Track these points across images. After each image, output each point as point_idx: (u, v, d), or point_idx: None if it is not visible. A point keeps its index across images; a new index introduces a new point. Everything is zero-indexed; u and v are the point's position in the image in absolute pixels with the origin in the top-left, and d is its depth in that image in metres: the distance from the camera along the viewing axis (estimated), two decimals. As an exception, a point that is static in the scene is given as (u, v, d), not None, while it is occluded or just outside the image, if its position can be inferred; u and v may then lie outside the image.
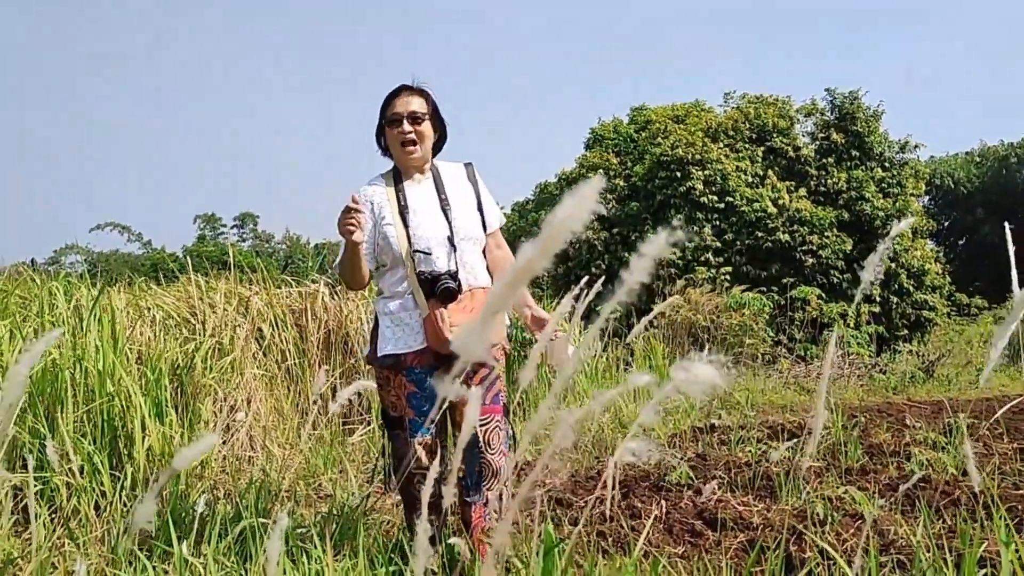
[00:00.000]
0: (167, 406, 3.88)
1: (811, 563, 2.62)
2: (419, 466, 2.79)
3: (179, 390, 4.35)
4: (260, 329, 5.67)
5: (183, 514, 3.01)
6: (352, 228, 2.61)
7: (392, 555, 2.63)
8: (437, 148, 3.00)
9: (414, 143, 2.85)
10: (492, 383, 2.87)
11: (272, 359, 5.64)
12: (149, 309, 5.39)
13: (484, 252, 2.97)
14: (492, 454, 2.82)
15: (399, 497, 3.38)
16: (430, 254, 2.78)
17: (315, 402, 5.02)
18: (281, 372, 5.61)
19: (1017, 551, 1.92)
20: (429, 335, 2.75)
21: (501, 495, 2.78)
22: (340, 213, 2.62)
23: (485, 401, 2.82)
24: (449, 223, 2.83)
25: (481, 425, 2.81)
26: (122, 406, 3.70)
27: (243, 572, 2.40)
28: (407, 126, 2.84)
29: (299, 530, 2.91)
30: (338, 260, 2.81)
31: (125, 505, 3.39)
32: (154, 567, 2.29)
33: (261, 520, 2.79)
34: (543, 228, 0.81)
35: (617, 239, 14.18)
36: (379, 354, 2.82)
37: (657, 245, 0.80)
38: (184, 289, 5.68)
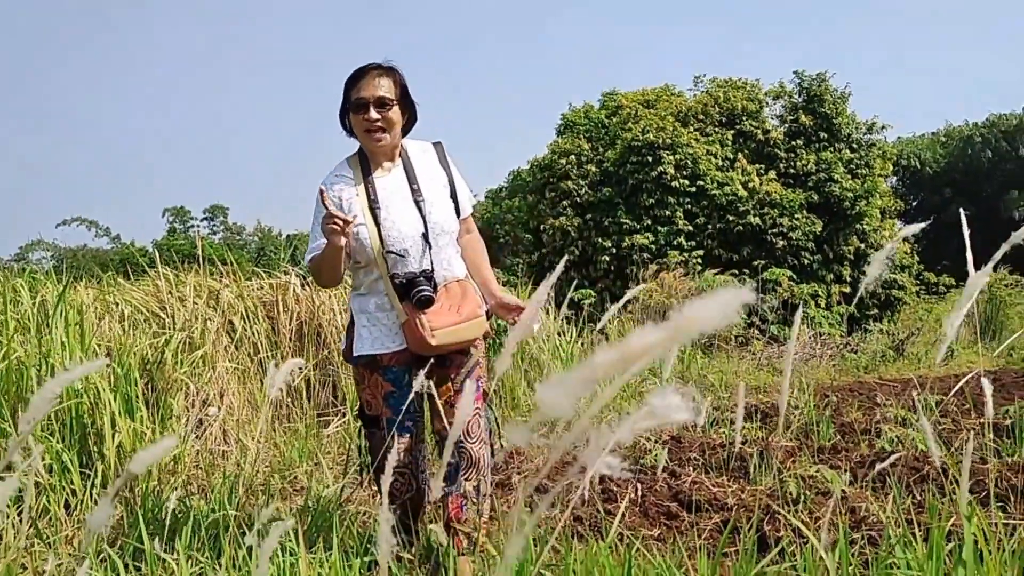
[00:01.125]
0: (137, 402, 3.83)
1: (784, 541, 2.65)
2: (396, 464, 2.75)
3: (149, 385, 4.30)
4: (231, 322, 5.62)
5: (155, 511, 2.98)
6: (336, 231, 2.46)
7: (368, 545, 2.62)
8: (406, 130, 2.81)
9: (382, 131, 2.66)
10: (471, 370, 2.79)
11: (244, 352, 5.59)
12: (117, 304, 5.32)
13: (458, 240, 2.86)
14: (472, 443, 2.74)
15: (376, 488, 3.37)
16: (404, 256, 2.65)
17: (270, 397, 4.97)
18: (254, 365, 5.57)
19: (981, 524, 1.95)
20: (410, 340, 2.65)
21: (479, 485, 2.74)
22: (327, 218, 2.47)
23: (463, 389, 2.77)
24: (423, 218, 2.69)
25: None
26: (91, 403, 3.65)
27: (216, 567, 2.38)
28: (374, 113, 2.63)
29: (273, 523, 2.89)
30: (314, 258, 2.67)
31: (96, 503, 3.35)
32: (126, 565, 2.27)
33: (234, 513, 2.77)
34: (672, 317, 0.77)
35: (590, 224, 14.20)
36: (355, 353, 2.73)
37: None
38: (153, 283, 5.61)
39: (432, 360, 2.73)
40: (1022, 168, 29.36)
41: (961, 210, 1.84)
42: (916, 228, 1.60)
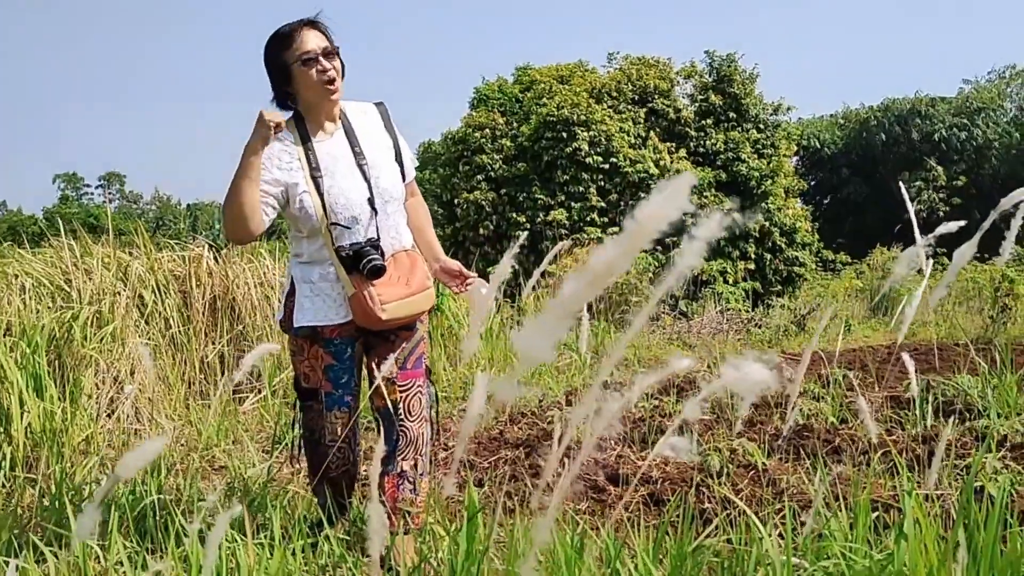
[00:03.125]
0: (46, 380, 3.65)
1: (720, 516, 2.72)
2: (333, 439, 2.69)
3: (57, 362, 4.10)
4: (141, 296, 5.40)
5: (72, 494, 2.86)
6: (270, 126, 2.35)
7: (302, 525, 2.57)
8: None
9: (334, 80, 2.51)
10: (415, 346, 2.73)
11: (155, 327, 5.39)
12: (17, 276, 5.05)
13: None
14: (412, 421, 2.68)
15: (300, 466, 3.31)
16: (350, 228, 2.54)
17: (235, 381, 4.82)
18: (165, 341, 5.37)
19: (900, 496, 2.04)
20: (357, 314, 2.55)
21: (416, 464, 2.71)
22: (260, 118, 2.36)
23: (408, 366, 2.69)
24: (368, 184, 2.58)
25: (402, 391, 2.67)
26: (-4, 382, 3.46)
27: (145, 552, 2.30)
28: (326, 63, 2.49)
29: (200, 503, 2.80)
30: (229, 193, 2.45)
31: (5, 487, 3.19)
32: (56, 555, 2.16)
33: (159, 497, 2.68)
34: (626, 224, 0.72)
35: (505, 199, 14.21)
36: (296, 324, 2.61)
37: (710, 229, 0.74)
38: (57, 254, 5.33)
39: (376, 334, 2.67)
40: (914, 150, 30.77)
41: (901, 185, 1.91)
42: (954, 226, 1.64)
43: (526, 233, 2.27)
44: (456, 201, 14.68)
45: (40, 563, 2.25)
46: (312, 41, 2.52)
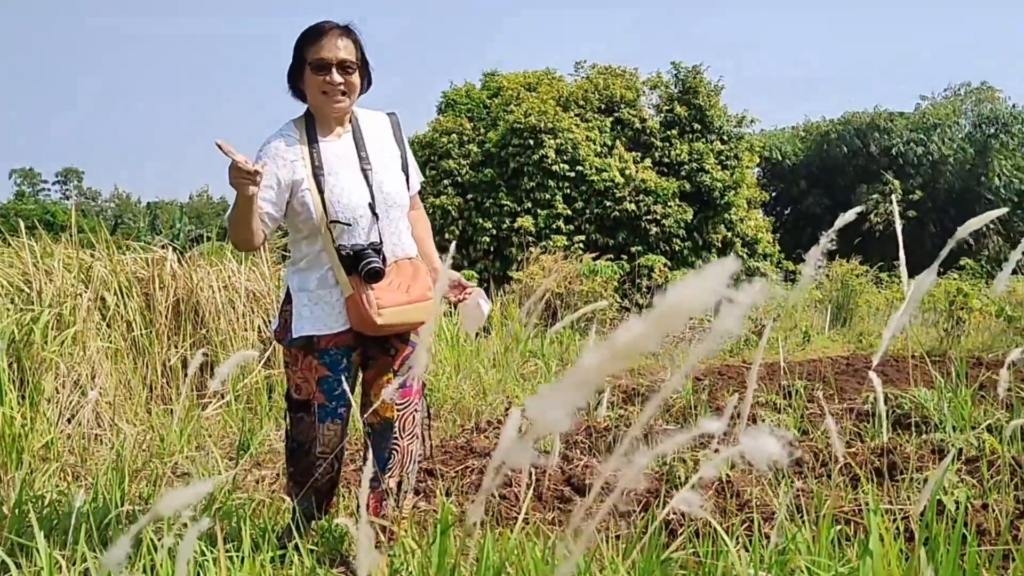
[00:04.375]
0: (6, 384, 3.59)
1: (686, 528, 2.76)
2: (324, 450, 2.66)
3: (17, 366, 4.03)
4: (103, 298, 5.32)
5: (34, 502, 2.81)
6: (246, 183, 2.28)
7: (271, 536, 2.56)
8: (359, 94, 2.67)
9: (343, 95, 2.52)
10: (413, 363, 2.69)
11: (117, 330, 5.31)
12: (-26, 277, 4.94)
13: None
14: (404, 439, 2.67)
15: (264, 474, 3.28)
16: (350, 225, 2.51)
17: (211, 388, 4.75)
18: (127, 344, 5.30)
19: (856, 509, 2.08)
20: (353, 318, 2.53)
21: (402, 481, 2.69)
22: (232, 169, 2.27)
23: (406, 383, 2.67)
24: (370, 188, 2.56)
25: (399, 409, 2.64)
26: (-46, 386, 3.39)
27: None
28: (337, 76, 2.49)
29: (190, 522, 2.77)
30: (229, 214, 2.47)
31: (-37, 494, 3.12)
32: (17, 564, 2.12)
33: (127, 509, 2.65)
34: (656, 304, 0.73)
35: (471, 205, 14.23)
36: (294, 335, 2.57)
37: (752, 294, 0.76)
38: (16, 254, 5.23)
39: (374, 345, 2.66)
40: (872, 163, 31.33)
41: (894, 199, 1.96)
42: (851, 215, 1.71)
43: (454, 245, 2.27)
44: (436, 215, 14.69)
45: (2, 573, 2.21)
46: (332, 50, 2.51)
